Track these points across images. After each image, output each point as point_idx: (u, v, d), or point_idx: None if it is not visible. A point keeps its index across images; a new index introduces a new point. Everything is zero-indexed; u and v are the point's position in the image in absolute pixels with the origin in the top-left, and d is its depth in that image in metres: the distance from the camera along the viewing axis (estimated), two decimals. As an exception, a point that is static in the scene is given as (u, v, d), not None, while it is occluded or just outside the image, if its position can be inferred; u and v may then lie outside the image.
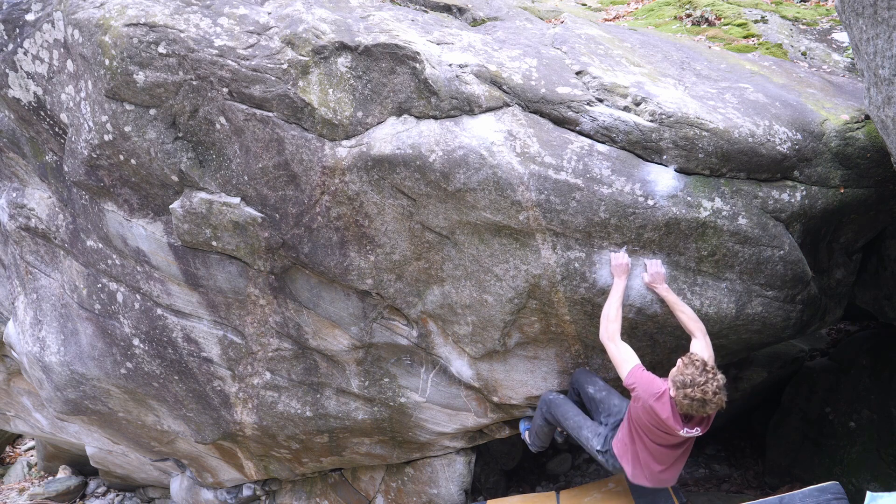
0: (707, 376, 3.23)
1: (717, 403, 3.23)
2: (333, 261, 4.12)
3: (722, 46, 4.62)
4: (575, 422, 3.99)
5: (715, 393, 3.21)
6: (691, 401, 3.23)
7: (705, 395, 3.20)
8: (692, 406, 3.24)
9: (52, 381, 5.35)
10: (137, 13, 3.87)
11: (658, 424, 3.44)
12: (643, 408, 3.45)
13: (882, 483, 4.71)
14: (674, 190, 3.58)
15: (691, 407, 3.25)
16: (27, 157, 4.87)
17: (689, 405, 3.25)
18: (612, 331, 3.62)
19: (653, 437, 3.53)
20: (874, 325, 5.84)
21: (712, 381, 3.22)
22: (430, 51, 3.81)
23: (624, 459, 3.69)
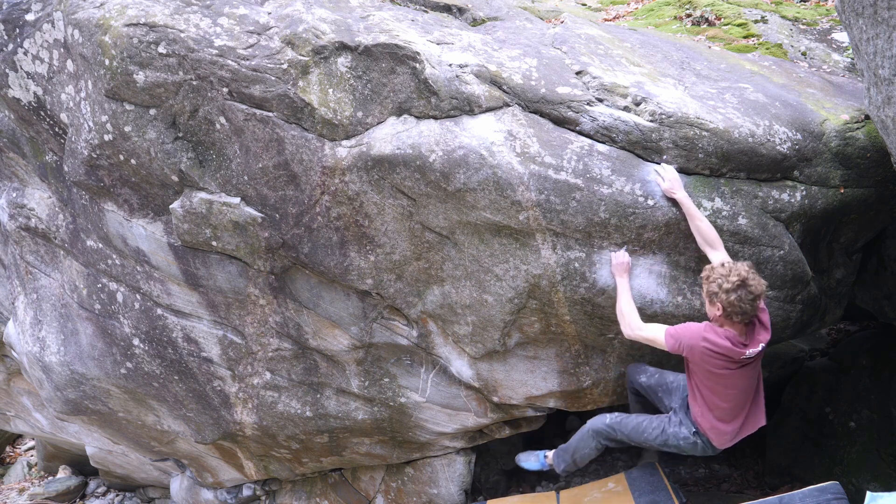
0: (727, 267, 3.19)
1: (755, 280, 3.14)
2: (333, 261, 4.12)
3: (722, 46, 4.62)
4: (654, 430, 3.72)
5: (748, 271, 3.14)
6: (737, 293, 3.12)
7: (740, 276, 3.11)
8: (742, 299, 3.12)
9: (52, 381, 5.35)
10: (137, 13, 3.87)
11: (722, 356, 3.27)
12: (700, 352, 3.29)
13: (882, 483, 4.71)
14: (674, 190, 3.58)
15: (741, 300, 3.13)
16: (27, 157, 4.87)
17: (738, 299, 3.13)
18: (632, 323, 3.54)
19: (724, 378, 3.35)
20: (874, 325, 5.84)
21: (735, 266, 3.17)
22: (430, 51, 3.81)
23: (711, 430, 3.53)
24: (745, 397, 3.46)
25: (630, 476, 4.70)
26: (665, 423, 3.71)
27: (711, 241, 3.46)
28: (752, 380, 3.44)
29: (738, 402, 3.47)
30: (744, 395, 3.45)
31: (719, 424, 3.52)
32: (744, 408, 3.50)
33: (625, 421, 3.84)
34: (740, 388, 3.42)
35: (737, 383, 3.40)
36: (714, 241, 3.46)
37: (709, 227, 3.48)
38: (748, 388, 3.44)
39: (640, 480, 4.58)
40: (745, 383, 3.41)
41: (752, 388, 3.46)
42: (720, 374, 3.35)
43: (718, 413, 3.50)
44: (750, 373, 3.40)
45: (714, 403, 3.48)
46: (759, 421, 3.55)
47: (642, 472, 4.70)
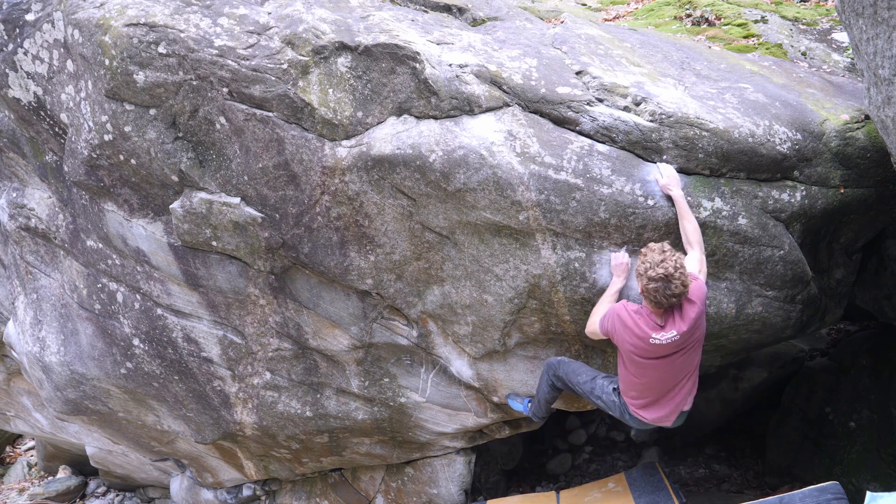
0: (664, 255, 3.20)
1: (680, 280, 3.18)
2: (333, 261, 4.12)
3: (722, 46, 4.62)
4: (588, 375, 3.86)
5: (675, 268, 3.16)
6: (656, 283, 3.18)
7: (666, 271, 3.15)
8: (658, 290, 3.19)
9: (52, 381, 5.35)
10: (137, 13, 3.87)
11: (632, 333, 3.37)
12: (614, 328, 3.43)
13: (882, 483, 4.71)
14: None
15: (657, 292, 3.19)
16: (27, 157, 4.87)
17: (654, 290, 3.19)
18: (590, 322, 3.65)
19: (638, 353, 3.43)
20: (874, 325, 5.84)
21: (670, 258, 3.19)
22: (430, 51, 3.81)
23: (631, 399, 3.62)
24: (661, 388, 3.50)
25: (630, 476, 4.70)
26: (598, 374, 3.85)
27: (691, 242, 3.49)
28: (674, 364, 3.44)
29: (653, 391, 3.52)
30: (658, 386, 3.50)
31: (639, 394, 3.60)
32: (659, 398, 3.54)
33: (568, 362, 3.99)
34: (654, 378, 3.47)
35: (650, 373, 3.46)
36: (693, 242, 3.49)
37: (693, 230, 3.50)
38: (667, 369, 3.45)
39: (640, 480, 4.59)
40: (664, 363, 3.42)
41: (669, 382, 3.49)
42: (633, 356, 3.43)
43: (633, 393, 3.58)
44: (667, 367, 3.43)
45: (627, 379, 3.56)
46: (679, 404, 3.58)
47: (642, 472, 4.71)
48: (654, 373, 3.46)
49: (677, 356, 3.41)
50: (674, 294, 3.22)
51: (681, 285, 3.21)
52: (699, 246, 3.48)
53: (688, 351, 3.42)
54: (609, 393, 3.75)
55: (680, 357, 3.42)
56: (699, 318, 3.35)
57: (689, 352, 3.42)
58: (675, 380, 3.51)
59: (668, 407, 3.58)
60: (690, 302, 3.31)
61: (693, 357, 3.47)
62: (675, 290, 3.20)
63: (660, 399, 3.56)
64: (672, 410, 3.59)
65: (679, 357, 3.42)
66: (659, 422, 3.66)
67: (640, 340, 3.37)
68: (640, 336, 3.36)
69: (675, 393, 3.54)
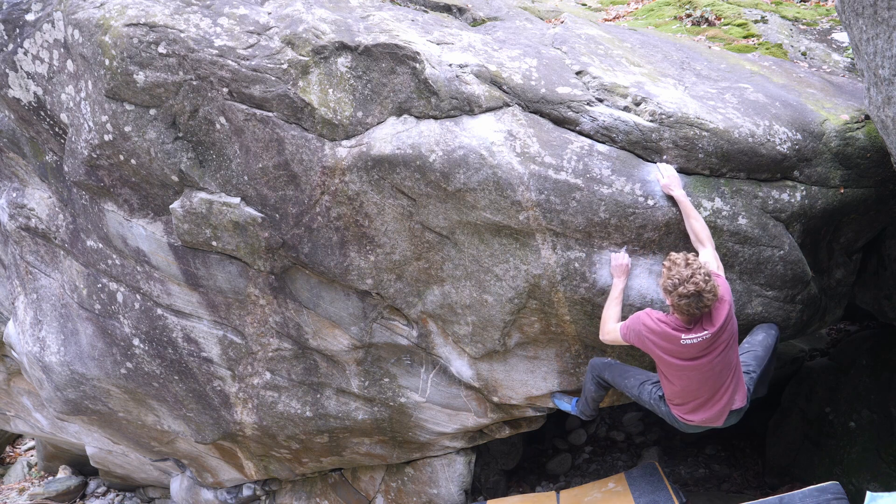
0: (692, 269, 3.16)
1: (711, 292, 3.15)
2: (333, 261, 4.12)
3: (722, 46, 4.62)
4: (636, 380, 3.78)
5: (706, 281, 3.14)
6: (688, 299, 3.15)
7: (697, 286, 3.12)
8: (690, 305, 3.16)
9: (52, 381, 5.35)
10: (137, 13, 3.87)
11: (660, 337, 3.34)
12: (640, 337, 3.39)
13: (882, 483, 4.71)
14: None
15: (689, 306, 3.17)
16: (27, 157, 4.87)
17: (687, 304, 3.17)
18: (605, 328, 3.62)
19: (673, 367, 3.38)
20: (874, 325, 5.84)
21: (698, 272, 3.16)
22: (430, 51, 3.81)
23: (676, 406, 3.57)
24: (706, 377, 3.42)
25: (630, 476, 4.70)
26: (647, 379, 3.77)
27: (702, 240, 3.47)
28: (711, 360, 3.36)
29: (695, 393, 3.45)
30: (703, 375, 3.41)
31: (676, 409, 3.57)
32: (704, 400, 3.48)
33: (614, 365, 3.94)
34: (696, 366, 3.39)
35: (689, 375, 3.40)
36: (704, 239, 3.46)
37: (702, 227, 3.48)
38: (705, 368, 3.38)
39: (640, 480, 4.59)
40: (700, 362, 3.36)
41: (710, 368, 3.39)
42: (668, 361, 3.39)
43: (677, 400, 3.54)
44: (706, 353, 3.35)
45: (668, 387, 3.52)
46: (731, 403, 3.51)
47: (642, 472, 4.71)
48: (693, 374, 3.39)
49: (713, 356, 3.34)
50: (706, 305, 3.20)
51: (712, 297, 3.18)
52: (710, 242, 3.46)
53: (723, 349, 3.34)
54: (657, 400, 3.68)
55: (716, 356, 3.35)
56: (729, 314, 3.30)
57: (725, 350, 3.34)
58: (716, 380, 3.42)
59: (716, 408, 3.49)
60: (719, 301, 3.27)
61: (730, 354, 3.39)
62: (708, 302, 3.18)
63: (706, 402, 3.49)
64: (720, 411, 3.51)
65: (715, 356, 3.34)
66: (708, 423, 3.57)
67: (670, 344, 3.33)
68: (671, 339, 3.32)
69: (721, 393, 3.46)
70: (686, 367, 3.37)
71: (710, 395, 3.47)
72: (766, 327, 3.80)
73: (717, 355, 3.34)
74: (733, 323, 3.36)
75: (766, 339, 3.74)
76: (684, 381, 3.44)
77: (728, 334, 3.33)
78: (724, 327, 3.29)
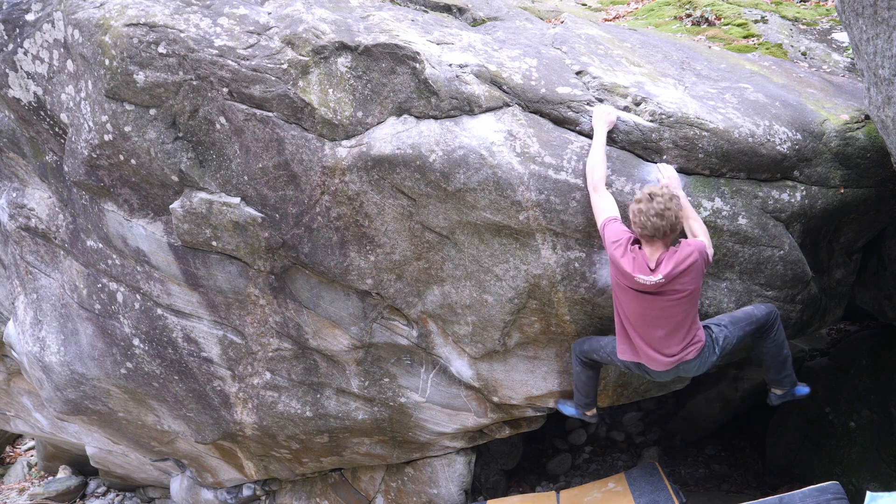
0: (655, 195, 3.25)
1: (663, 203, 3.21)
2: (333, 261, 4.12)
3: (722, 46, 4.62)
4: (607, 342, 3.80)
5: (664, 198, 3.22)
6: (640, 207, 3.25)
7: (651, 190, 3.25)
8: (642, 214, 3.23)
9: (52, 381, 5.35)
10: (137, 13, 3.87)
11: (621, 273, 3.36)
12: (609, 249, 3.40)
13: (882, 483, 4.71)
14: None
15: (641, 214, 3.24)
16: (27, 157, 4.87)
17: (638, 213, 3.25)
18: (596, 179, 3.50)
19: (624, 293, 3.41)
20: (874, 325, 5.84)
21: (658, 188, 3.28)
22: (430, 51, 3.81)
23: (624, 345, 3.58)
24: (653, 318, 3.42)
25: (630, 476, 4.71)
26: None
27: (695, 234, 3.47)
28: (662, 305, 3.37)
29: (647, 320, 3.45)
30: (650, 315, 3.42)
31: (629, 340, 3.58)
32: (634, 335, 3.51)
33: (594, 336, 3.97)
34: (644, 304, 3.40)
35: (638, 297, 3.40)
36: (701, 236, 3.46)
37: (701, 227, 3.49)
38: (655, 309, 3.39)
39: (640, 480, 4.59)
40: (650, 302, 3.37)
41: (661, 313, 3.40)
42: (623, 287, 3.41)
43: (629, 329, 3.54)
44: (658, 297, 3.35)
45: (623, 318, 3.53)
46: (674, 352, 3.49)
47: (642, 472, 4.71)
48: (642, 305, 3.40)
49: (664, 299, 3.34)
50: (657, 214, 3.22)
51: (664, 208, 3.21)
52: (707, 238, 3.47)
53: (677, 299, 3.34)
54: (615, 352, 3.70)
55: (668, 301, 3.35)
56: (692, 269, 3.29)
57: (678, 302, 3.35)
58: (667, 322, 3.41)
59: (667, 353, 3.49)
60: (685, 250, 3.29)
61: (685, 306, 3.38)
62: (658, 209, 3.20)
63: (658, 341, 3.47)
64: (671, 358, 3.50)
65: (666, 300, 3.35)
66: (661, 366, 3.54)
67: (624, 278, 3.37)
68: (626, 274, 3.35)
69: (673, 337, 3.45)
70: (635, 297, 3.40)
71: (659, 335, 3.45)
72: (762, 305, 3.75)
73: (668, 300, 3.35)
74: (694, 284, 3.34)
75: (750, 309, 3.69)
76: (632, 308, 3.45)
77: (682, 290, 3.32)
78: (679, 278, 3.29)
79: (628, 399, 4.59)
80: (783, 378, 3.89)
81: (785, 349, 3.78)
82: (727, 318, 3.66)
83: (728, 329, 3.61)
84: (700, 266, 3.33)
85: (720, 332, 3.59)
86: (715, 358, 3.62)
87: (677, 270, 3.29)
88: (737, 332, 3.62)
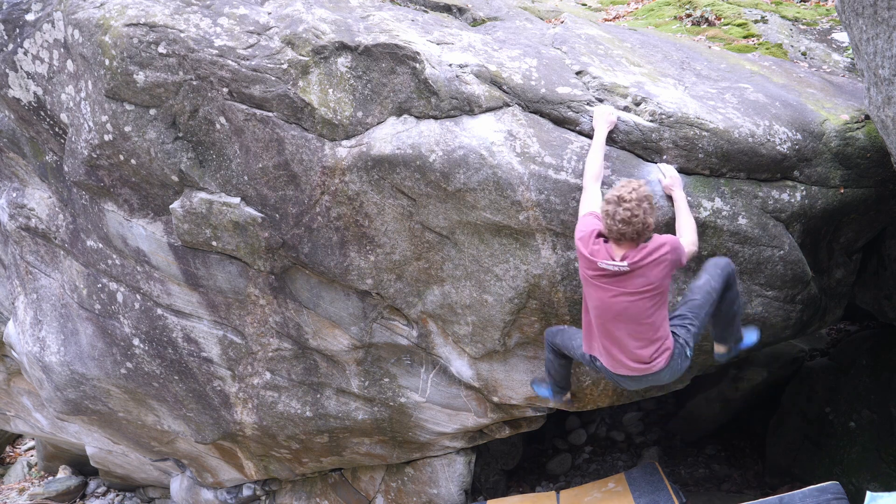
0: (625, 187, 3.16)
1: (631, 206, 3.09)
2: (333, 261, 4.12)
3: (722, 46, 4.62)
4: (578, 344, 3.66)
5: (632, 195, 3.11)
6: (607, 205, 3.15)
7: (620, 198, 3.12)
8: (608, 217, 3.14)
9: (52, 381, 5.35)
10: (137, 13, 3.87)
11: (585, 260, 3.27)
12: (577, 241, 3.32)
13: (882, 483, 4.71)
14: (674, 190, 3.58)
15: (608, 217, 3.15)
16: (27, 157, 4.87)
17: (605, 213, 3.17)
18: (588, 176, 3.46)
19: (589, 287, 3.31)
20: (874, 325, 5.84)
21: (627, 189, 3.15)
22: (430, 51, 3.81)
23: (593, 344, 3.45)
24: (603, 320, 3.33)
25: (630, 476, 4.71)
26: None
27: (684, 234, 3.41)
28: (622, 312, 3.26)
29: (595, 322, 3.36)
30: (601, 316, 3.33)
31: (596, 340, 3.45)
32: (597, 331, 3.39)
33: (568, 328, 3.84)
34: (596, 307, 3.31)
35: (594, 297, 3.32)
36: (687, 233, 3.40)
37: (688, 226, 3.41)
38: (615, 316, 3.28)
39: (640, 480, 4.59)
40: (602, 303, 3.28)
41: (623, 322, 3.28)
42: (589, 281, 3.31)
43: (595, 329, 3.42)
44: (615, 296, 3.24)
45: (592, 312, 3.41)
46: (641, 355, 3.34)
47: (642, 472, 4.72)
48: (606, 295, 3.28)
49: (627, 292, 3.22)
50: (623, 220, 3.12)
51: (630, 216, 3.10)
52: (693, 237, 3.39)
53: (640, 294, 3.22)
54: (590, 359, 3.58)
55: (631, 296, 3.22)
56: (660, 261, 3.18)
57: (642, 298, 3.22)
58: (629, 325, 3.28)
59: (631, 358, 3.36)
60: (655, 242, 3.20)
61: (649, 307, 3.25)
62: (625, 216, 3.10)
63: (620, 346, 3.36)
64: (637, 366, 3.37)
65: (630, 295, 3.22)
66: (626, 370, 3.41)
67: (588, 267, 3.28)
68: (591, 260, 3.25)
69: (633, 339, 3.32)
70: (598, 287, 3.29)
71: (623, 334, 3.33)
72: (711, 266, 3.49)
73: (631, 295, 3.23)
74: (662, 279, 3.23)
75: (707, 282, 3.43)
76: (594, 302, 3.34)
77: (648, 283, 3.20)
78: (645, 269, 3.18)
79: (628, 399, 4.59)
80: (729, 334, 3.66)
81: (736, 304, 3.55)
82: (689, 312, 3.43)
83: (695, 325, 3.41)
84: (670, 261, 3.21)
85: (687, 333, 3.40)
86: (688, 363, 3.44)
87: (645, 261, 3.18)
88: (702, 320, 3.45)
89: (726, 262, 3.49)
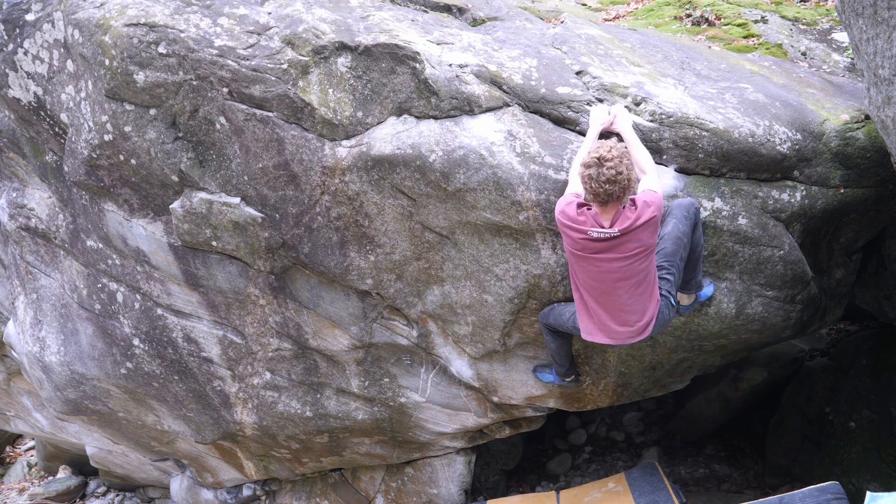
0: (602, 146, 3.13)
1: (615, 166, 3.07)
2: (333, 261, 4.12)
3: (722, 46, 4.62)
4: (568, 316, 3.68)
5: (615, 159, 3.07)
6: (589, 174, 3.10)
7: (601, 160, 3.08)
8: (592, 180, 3.10)
9: (52, 381, 5.35)
10: (137, 13, 3.87)
11: (571, 229, 3.25)
12: (558, 221, 3.30)
13: (882, 483, 4.71)
14: (674, 190, 3.58)
15: (592, 181, 3.09)
16: (27, 157, 4.88)
17: (589, 179, 3.12)
18: (572, 170, 3.46)
19: (580, 261, 3.31)
20: (874, 325, 5.84)
21: (605, 148, 3.12)
22: (430, 51, 3.81)
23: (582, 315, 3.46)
24: (601, 291, 3.33)
25: (630, 476, 4.71)
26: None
27: (642, 167, 3.38)
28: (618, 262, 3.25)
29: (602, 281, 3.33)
30: (599, 288, 3.33)
31: (588, 310, 3.46)
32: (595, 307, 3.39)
33: (558, 304, 3.85)
34: (599, 265, 3.29)
35: (589, 272, 3.31)
36: (644, 167, 3.37)
37: (641, 155, 3.38)
38: (611, 270, 3.27)
39: (640, 480, 4.59)
40: (607, 263, 3.26)
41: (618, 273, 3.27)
42: (578, 247, 3.29)
43: (587, 299, 3.42)
44: (613, 251, 3.24)
45: (581, 285, 3.41)
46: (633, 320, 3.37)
47: (642, 472, 4.72)
48: (600, 267, 3.28)
49: (620, 257, 3.23)
50: (609, 180, 3.09)
51: (615, 173, 3.08)
52: (651, 170, 3.36)
53: (633, 257, 3.22)
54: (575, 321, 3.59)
55: (625, 261, 3.23)
56: (650, 224, 3.19)
57: (635, 259, 3.23)
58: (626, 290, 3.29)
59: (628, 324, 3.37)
60: (643, 205, 3.18)
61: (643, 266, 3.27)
62: (609, 175, 3.08)
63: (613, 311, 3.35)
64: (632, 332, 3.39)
65: (623, 260, 3.23)
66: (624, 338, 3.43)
67: (579, 234, 3.25)
68: (580, 230, 3.24)
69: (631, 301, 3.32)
70: (592, 261, 3.29)
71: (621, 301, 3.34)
72: (675, 208, 3.48)
73: (624, 259, 3.24)
74: (651, 236, 3.24)
75: (675, 227, 3.42)
76: (587, 276, 3.34)
77: (640, 245, 3.22)
78: (635, 232, 3.19)
79: (628, 399, 4.59)
80: (692, 280, 3.62)
81: (700, 247, 3.54)
82: (664, 261, 3.42)
83: (672, 273, 3.42)
84: (657, 221, 3.23)
85: (668, 284, 3.41)
86: (674, 312, 3.52)
87: (635, 226, 3.18)
88: (679, 267, 3.45)
89: (689, 202, 3.50)
